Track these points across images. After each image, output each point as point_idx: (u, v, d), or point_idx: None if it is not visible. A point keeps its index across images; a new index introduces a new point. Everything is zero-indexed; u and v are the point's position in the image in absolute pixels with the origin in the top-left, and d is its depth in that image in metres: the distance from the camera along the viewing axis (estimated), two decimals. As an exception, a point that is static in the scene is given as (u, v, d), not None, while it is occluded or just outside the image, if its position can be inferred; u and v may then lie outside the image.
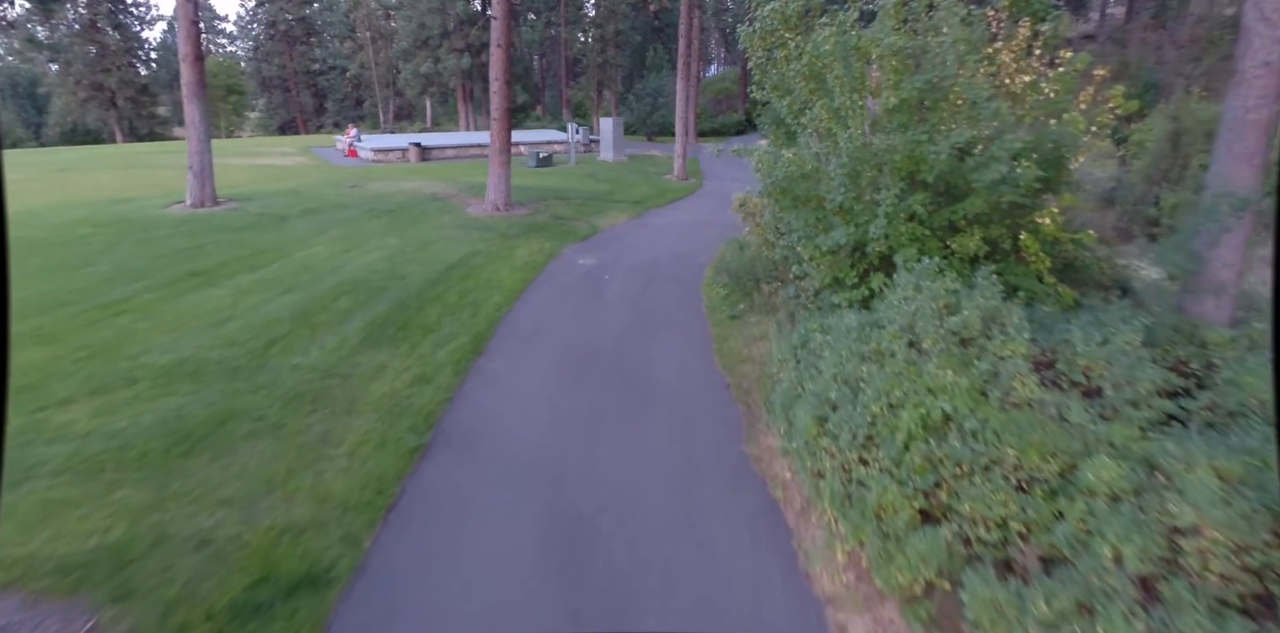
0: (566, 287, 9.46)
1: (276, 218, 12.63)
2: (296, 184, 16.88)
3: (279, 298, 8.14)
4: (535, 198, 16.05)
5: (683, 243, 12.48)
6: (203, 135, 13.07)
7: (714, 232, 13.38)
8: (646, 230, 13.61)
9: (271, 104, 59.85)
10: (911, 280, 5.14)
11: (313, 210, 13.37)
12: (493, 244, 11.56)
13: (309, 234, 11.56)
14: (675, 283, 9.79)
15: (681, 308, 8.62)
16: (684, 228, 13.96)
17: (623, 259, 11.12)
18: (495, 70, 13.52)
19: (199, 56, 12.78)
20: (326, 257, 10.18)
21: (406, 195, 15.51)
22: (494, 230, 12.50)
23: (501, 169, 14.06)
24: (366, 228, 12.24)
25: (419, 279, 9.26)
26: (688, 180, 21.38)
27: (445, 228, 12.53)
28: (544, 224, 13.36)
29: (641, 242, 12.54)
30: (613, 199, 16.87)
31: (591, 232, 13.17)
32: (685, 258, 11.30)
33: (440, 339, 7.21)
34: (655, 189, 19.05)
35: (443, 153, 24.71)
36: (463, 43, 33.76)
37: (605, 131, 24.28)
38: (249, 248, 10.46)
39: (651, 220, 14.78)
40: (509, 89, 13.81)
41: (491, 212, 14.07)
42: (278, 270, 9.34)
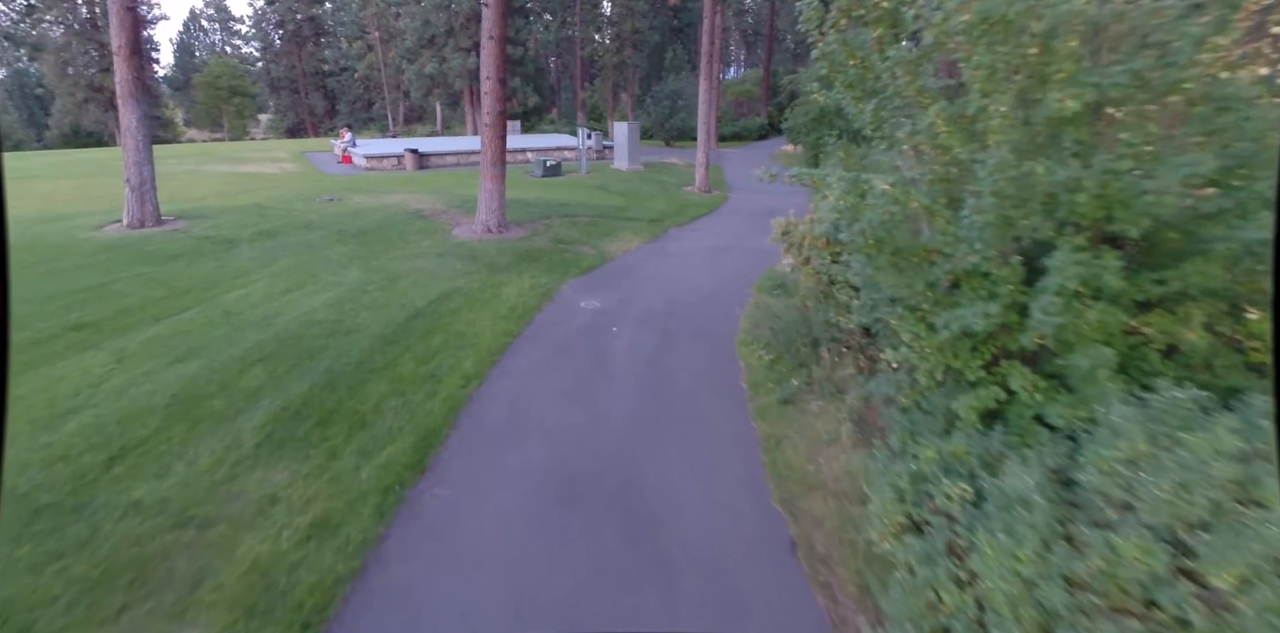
0: (561, 346, 7.26)
1: (222, 242, 10.57)
2: (267, 197, 14.87)
3: (168, 369, 6.02)
4: (536, 215, 13.91)
5: (709, 277, 10.25)
6: (141, 144, 11.07)
7: (745, 261, 11.16)
8: (665, 259, 11.40)
9: (281, 106, 58.52)
10: (1136, 423, 2.94)
11: (269, 232, 11.31)
12: (476, 279, 9.41)
13: (253, 265, 9.48)
14: (702, 340, 7.56)
15: (713, 384, 6.39)
16: (709, 255, 11.73)
17: (635, 301, 8.91)
18: (487, 66, 11.40)
19: (136, 49, 10.79)
20: (261, 299, 8.08)
21: (387, 212, 13.43)
22: (481, 259, 10.35)
23: (494, 184, 11.93)
24: (327, 256, 10.14)
25: (370, 334, 7.12)
26: (710, 193, 19.17)
27: (422, 256, 10.39)
28: (543, 250, 11.20)
29: (659, 275, 10.33)
30: (626, 216, 14.68)
31: (599, 260, 10.98)
32: (712, 300, 9.07)
33: (373, 442, 5.04)
34: (675, 204, 16.84)
35: (442, 160, 22.70)
36: (469, 41, 31.80)
37: (619, 137, 22.13)
38: (169, 286, 8.38)
39: (671, 245, 12.56)
40: (503, 89, 11.68)
41: (481, 234, 11.93)
42: (189, 321, 7.24)
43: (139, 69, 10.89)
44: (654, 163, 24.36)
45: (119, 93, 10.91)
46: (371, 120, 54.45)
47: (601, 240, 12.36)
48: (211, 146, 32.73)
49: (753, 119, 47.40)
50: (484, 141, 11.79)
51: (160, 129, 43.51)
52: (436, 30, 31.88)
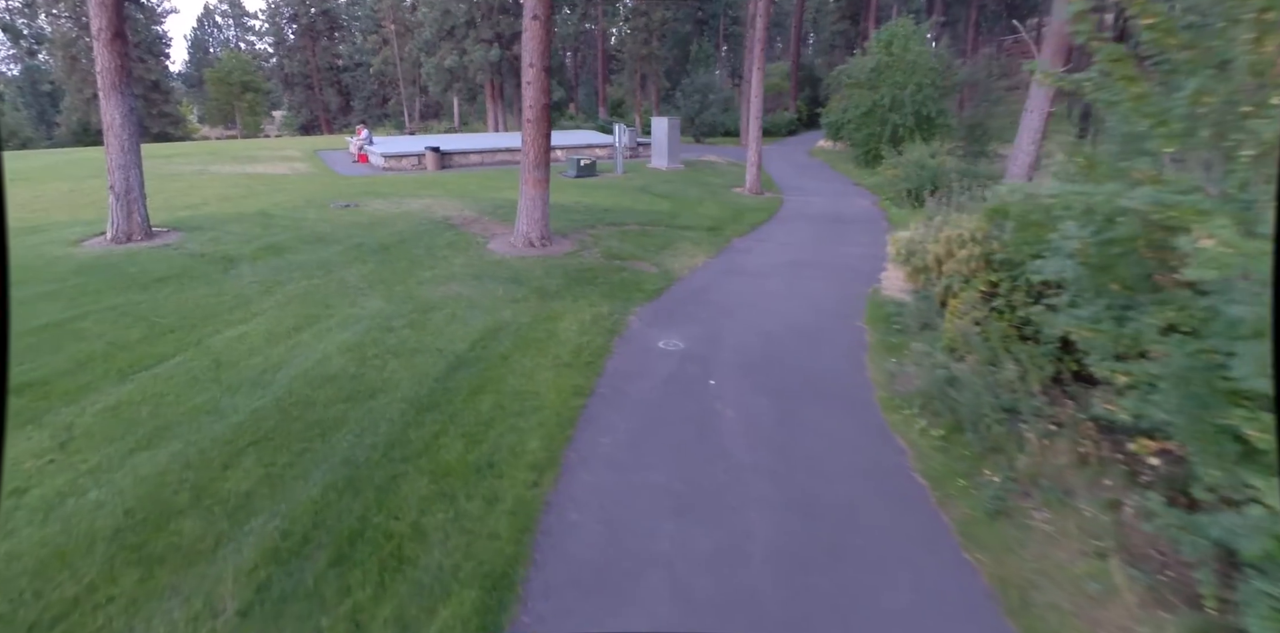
0: (651, 413, 5.51)
1: (219, 261, 8.92)
2: (275, 202, 13.24)
3: (127, 462, 4.34)
4: (579, 223, 12.17)
5: (801, 305, 8.46)
6: (127, 144, 9.44)
7: (835, 281, 9.39)
8: (740, 279, 9.61)
9: (294, 102, 57.19)
10: None
11: (276, 248, 9.64)
12: (525, 309, 7.69)
13: (254, 292, 7.81)
14: (830, 400, 5.78)
15: (876, 478, 4.61)
16: (790, 274, 9.93)
17: (724, 340, 7.15)
18: (530, 53, 9.65)
19: (119, 33, 9.13)
20: (261, 341, 6.39)
21: (410, 221, 11.74)
22: (526, 282, 8.63)
23: (536, 189, 10.19)
24: (343, 279, 8.45)
25: (401, 396, 5.41)
26: (762, 195, 17.35)
27: (456, 278, 8.69)
28: (596, 269, 9.46)
29: (740, 301, 8.55)
30: (679, 224, 12.91)
31: (664, 282, 9.22)
32: (819, 338, 7.28)
33: (416, 598, 3.33)
34: (729, 208, 15.03)
35: (465, 159, 21.02)
36: (491, 32, 30.08)
37: (658, 133, 20.33)
38: (148, 323, 6.72)
39: (741, 260, 10.77)
40: (548, 78, 9.93)
41: (523, 248, 10.21)
42: (166, 378, 5.56)
43: (123, 55, 9.24)
44: (693, 161, 22.55)
45: (100, 84, 9.27)
46: (387, 117, 52.98)
47: (660, 255, 10.59)
48: (222, 145, 31.29)
49: (781, 114, 45.40)
50: (525, 140, 10.04)
51: (171, 127, 42.26)
52: (457, 21, 30.16)
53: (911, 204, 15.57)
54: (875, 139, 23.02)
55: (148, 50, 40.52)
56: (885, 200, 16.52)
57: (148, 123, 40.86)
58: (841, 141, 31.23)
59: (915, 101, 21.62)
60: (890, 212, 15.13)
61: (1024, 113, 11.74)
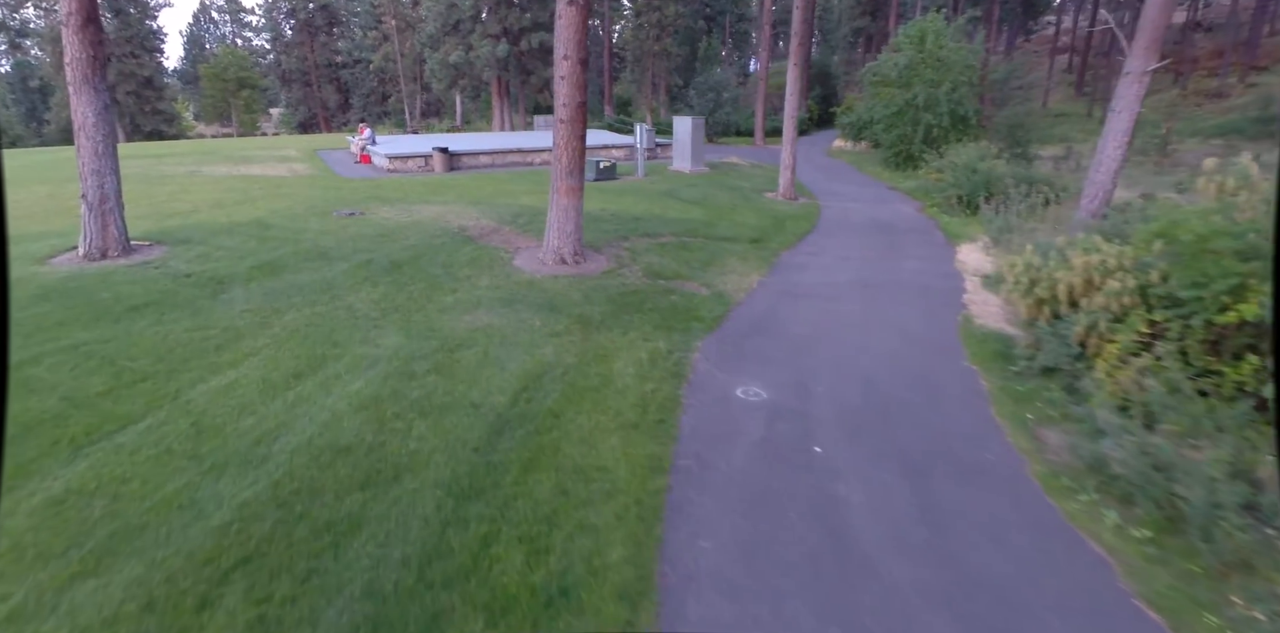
0: (750, 497, 4.30)
1: (208, 284, 7.68)
2: (273, 209, 11.99)
3: (59, 602, 3.11)
4: (610, 234, 10.95)
5: (888, 335, 7.25)
6: (101, 146, 8.19)
7: (916, 305, 8.20)
8: (806, 303, 8.39)
9: (292, 99, 55.82)
10: None
11: (272, 266, 8.40)
12: (569, 345, 6.47)
13: (248, 324, 6.57)
14: (975, 475, 4.57)
15: (1077, 603, 3.40)
16: (860, 296, 8.72)
17: (814, 385, 5.94)
18: (565, 43, 8.43)
19: (91, 18, 7.88)
20: (254, 395, 5.16)
21: (423, 232, 10.50)
22: (566, 309, 7.41)
23: (569, 199, 8.97)
24: (352, 306, 7.22)
25: (434, 479, 4.19)
26: (797, 201, 16.14)
27: (483, 304, 7.46)
28: (641, 291, 8.24)
29: (815, 331, 7.33)
30: (718, 235, 11.69)
31: (720, 307, 8.01)
32: (927, 382, 6.08)
33: None
34: (767, 216, 13.82)
35: (475, 160, 19.77)
36: (499, 27, 28.80)
37: (680, 134, 19.10)
38: (115, 369, 5.48)
39: (798, 278, 9.55)
40: (585, 72, 8.70)
41: (554, 266, 8.98)
42: (132, 451, 4.34)
43: (96, 45, 7.99)
44: (714, 163, 21.32)
45: (69, 77, 8.01)
46: (387, 115, 51.65)
47: (707, 272, 9.38)
48: (217, 143, 29.99)
49: (792, 113, 44.10)
50: (557, 143, 8.81)
51: (164, 124, 40.88)
52: (462, 15, 28.87)
53: (963, 212, 14.38)
54: (906, 140, 21.83)
55: (140, 45, 39.15)
56: (931, 207, 15.32)
57: (140, 120, 39.53)
58: (863, 142, 30.09)
59: (951, 101, 20.43)
60: (942, 220, 13.92)
61: (1109, 113, 10.54)
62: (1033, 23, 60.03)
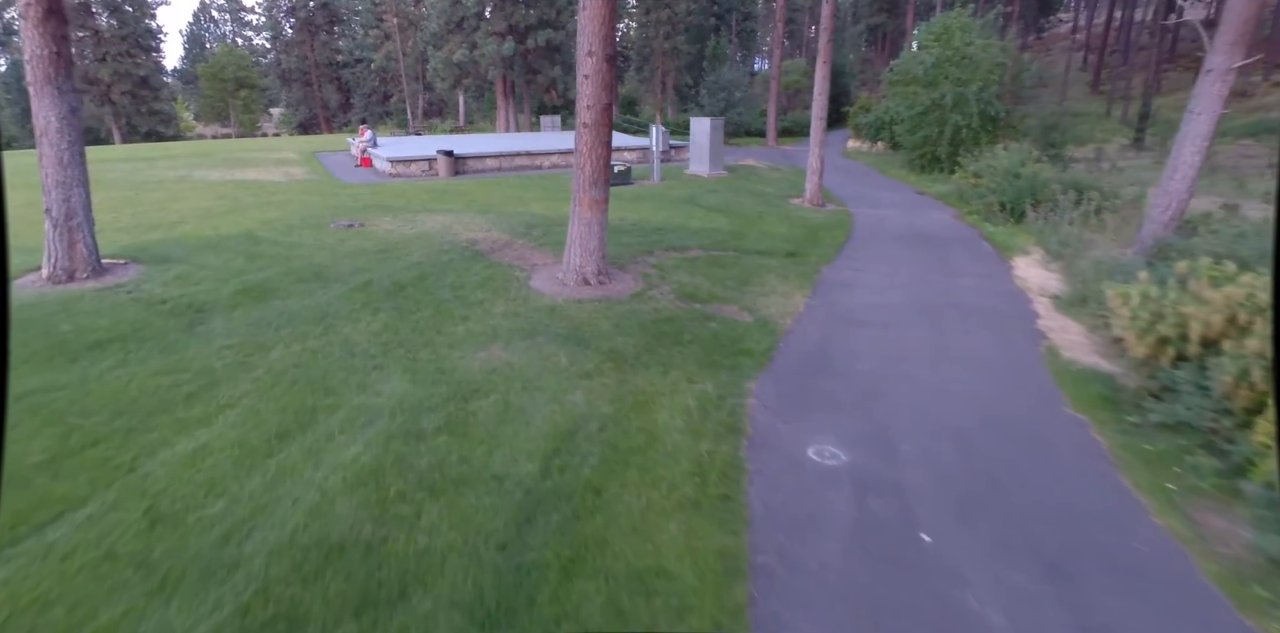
0: (859, 616, 3.34)
1: (185, 312, 6.73)
2: (265, 220, 11.05)
3: None
4: (633, 248, 10.01)
5: (967, 373, 6.28)
6: (66, 155, 7.23)
7: (986, 332, 7.25)
8: (863, 331, 7.42)
9: (292, 99, 54.92)
10: None
11: (260, 289, 7.45)
12: (603, 388, 5.52)
13: (226, 365, 5.62)
14: (1134, 577, 3.61)
15: None
16: (921, 320, 7.75)
17: (895, 441, 4.99)
18: (590, 38, 7.47)
19: (53, 10, 6.91)
20: (230, 466, 4.21)
21: (429, 247, 9.56)
22: (594, 341, 6.46)
23: (593, 212, 8.01)
24: (349, 339, 6.27)
25: (450, 596, 3.23)
26: (825, 207, 15.18)
27: (500, 336, 6.50)
28: (675, 318, 7.28)
29: (882, 368, 6.36)
30: (750, 248, 10.73)
31: (767, 336, 7.04)
32: (1032, 438, 5.12)
33: None
34: (797, 226, 12.86)
35: (481, 163, 18.83)
36: (504, 24, 27.83)
37: (698, 136, 18.13)
38: (64, 427, 4.53)
39: (847, 300, 8.58)
40: (613, 71, 7.75)
41: (576, 287, 8.02)
42: (63, 556, 3.39)
43: (60, 40, 7.04)
44: (731, 166, 20.36)
45: (29, 77, 7.08)
46: (389, 115, 50.75)
47: (745, 293, 8.42)
48: (214, 145, 29.08)
49: (803, 113, 43.26)
50: (580, 150, 7.86)
51: (161, 125, 39.95)
52: (467, 12, 27.91)
53: (1007, 220, 13.41)
54: (932, 142, 20.86)
55: (136, 44, 38.24)
56: (970, 214, 14.34)
57: (136, 121, 38.65)
58: (880, 143, 29.10)
59: (981, 100, 19.45)
60: (985, 229, 12.94)
61: (1187, 115, 9.55)
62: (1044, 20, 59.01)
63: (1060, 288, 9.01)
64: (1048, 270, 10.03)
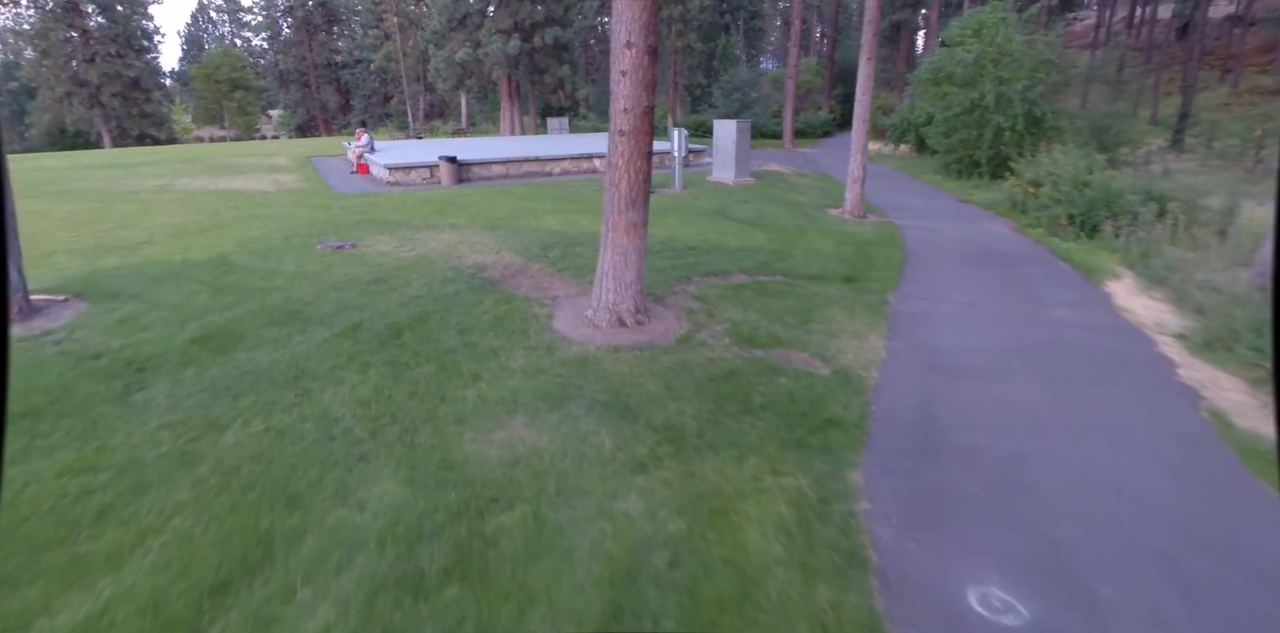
0: None
1: (124, 372, 5.33)
2: (244, 240, 9.66)
3: None
4: (669, 274, 8.61)
5: (1121, 448, 4.86)
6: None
7: (1118, 386, 5.80)
8: (967, 385, 5.99)
9: (290, 101, 53.62)
10: None
11: (223, 336, 6.05)
12: (663, 488, 4.11)
13: (161, 459, 4.22)
14: None
15: None
16: (1029, 366, 6.32)
17: (1088, 577, 3.56)
18: (627, 25, 6.07)
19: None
20: (129, 659, 2.81)
21: (432, 274, 8.16)
22: (642, 411, 5.04)
23: (629, 238, 6.60)
24: (328, 412, 4.87)
25: None
26: (867, 219, 13.77)
27: (522, 403, 5.09)
28: (737, 372, 5.87)
29: (1014, 441, 4.93)
30: (800, 271, 9.32)
31: (855, 398, 5.62)
32: (1265, 560, 3.68)
33: None
34: (844, 242, 11.45)
35: (486, 170, 17.43)
36: (509, 21, 26.44)
37: (723, 140, 16.72)
38: (-105, 586, 3.14)
39: (932, 339, 7.14)
40: (655, 66, 6.34)
41: (610, 329, 6.61)
42: None
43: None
44: (757, 172, 18.94)
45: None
46: (389, 116, 49.43)
47: (810, 333, 7.00)
48: (204, 150, 27.71)
49: (814, 114, 41.94)
50: (615, 164, 6.44)
51: (153, 128, 38.59)
52: (470, 8, 26.54)
53: (1077, 234, 11.99)
54: (970, 145, 19.44)
55: (126, 44, 36.89)
56: (1032, 227, 12.91)
57: (127, 124, 37.31)
58: (905, 145, 27.70)
59: (1026, 100, 18.02)
60: (1055, 246, 11.51)
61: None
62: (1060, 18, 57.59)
63: (1181, 323, 7.59)
64: (1152, 298, 8.61)
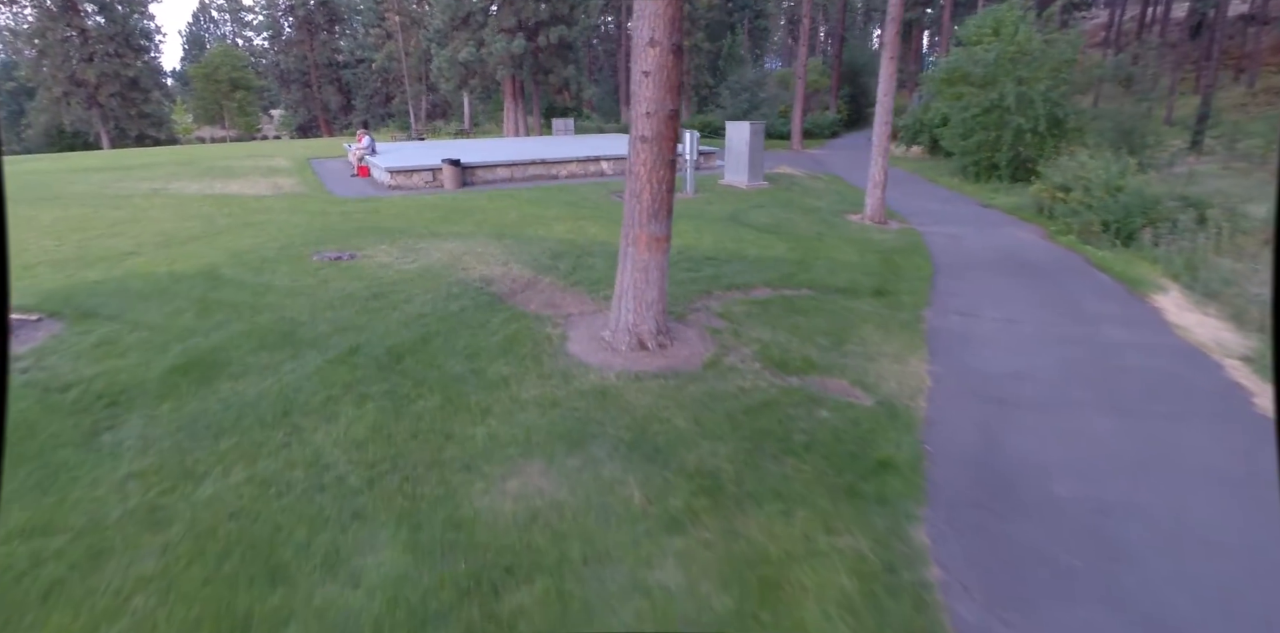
0: None
1: (94, 406, 4.79)
2: (236, 250, 9.12)
3: None
4: (688, 287, 8.06)
5: (1225, 500, 4.30)
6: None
7: (1191, 416, 5.25)
8: (1029, 418, 5.42)
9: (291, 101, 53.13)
10: None
11: (207, 363, 5.50)
12: (703, 554, 3.55)
13: (125, 520, 3.68)
14: None
15: None
16: (1092, 396, 5.76)
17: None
18: (650, 21, 5.52)
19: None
20: None
21: (436, 289, 7.61)
22: (672, 454, 4.49)
23: (652, 253, 6.04)
24: (318, 458, 4.32)
25: None
26: (888, 225, 13.20)
27: (537, 445, 4.54)
28: (772, 404, 5.31)
29: (1095, 489, 4.36)
30: (825, 283, 8.76)
31: (906, 435, 5.05)
32: None
33: None
34: (868, 251, 10.88)
35: (491, 173, 16.89)
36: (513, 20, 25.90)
37: (736, 142, 16.16)
38: None
39: (977, 362, 6.58)
40: (680, 65, 5.79)
41: (630, 353, 6.05)
42: None
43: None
44: (769, 175, 18.37)
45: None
46: (390, 117, 48.92)
47: (846, 355, 6.44)
48: (202, 151, 27.19)
49: (822, 114, 41.38)
50: (637, 171, 5.89)
51: (152, 128, 38.10)
52: (473, 7, 25.99)
53: (1112, 242, 11.42)
54: (989, 147, 18.88)
55: (125, 43, 36.40)
56: (1062, 235, 12.34)
57: (125, 125, 36.82)
58: (917, 146, 27.15)
59: (1049, 101, 17.45)
60: (1091, 255, 10.94)
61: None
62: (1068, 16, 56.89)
63: (1244, 343, 7.03)
64: (1206, 315, 8.05)
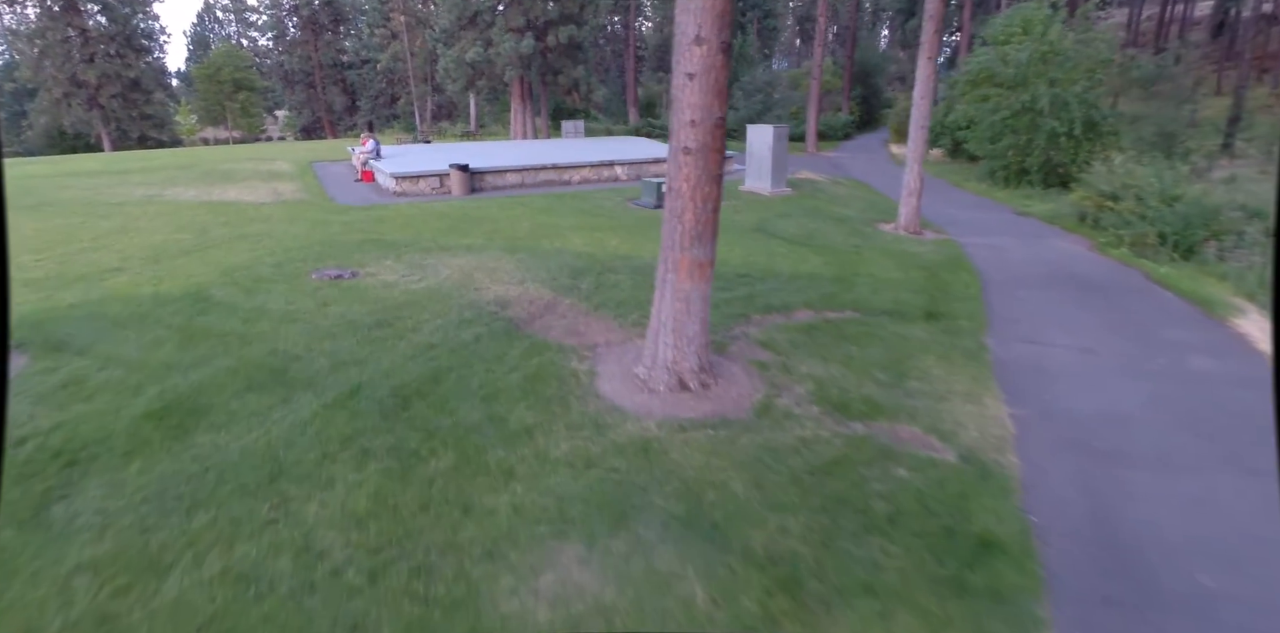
0: None
1: (47, 467, 4.05)
2: (228, 267, 8.40)
3: None
4: (724, 309, 7.32)
5: None
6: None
7: None
8: (1146, 481, 4.65)
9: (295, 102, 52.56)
10: None
11: (184, 410, 4.77)
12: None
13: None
14: None
15: None
16: (1208, 443, 4.98)
17: None
18: (696, 18, 4.77)
19: None
20: None
21: (446, 313, 6.87)
22: (733, 532, 3.73)
23: (694, 281, 5.29)
24: (308, 542, 3.57)
25: None
26: (923, 236, 12.42)
27: (573, 520, 3.78)
28: (842, 461, 4.54)
29: (1256, 593, 3.60)
30: (871, 305, 7.99)
31: (1003, 502, 4.28)
32: None
33: None
34: (909, 265, 10.10)
35: (501, 179, 16.16)
36: (522, 19, 25.17)
37: (758, 146, 15.40)
38: None
39: (1061, 403, 5.80)
40: (728, 68, 5.04)
41: (671, 394, 5.30)
42: None
43: None
44: (792, 180, 17.59)
45: None
46: (396, 118, 48.30)
47: (911, 395, 5.67)
48: (203, 153, 26.54)
49: (835, 115, 40.57)
50: (678, 188, 5.14)
51: (154, 130, 37.50)
52: (481, 6, 25.28)
53: (1170, 257, 10.61)
54: (1020, 151, 18.07)
55: (126, 44, 35.82)
56: (1114, 248, 11.53)
57: (127, 126, 36.23)
58: (938, 149, 26.35)
59: (1084, 103, 16.64)
60: (1149, 270, 10.14)
61: None
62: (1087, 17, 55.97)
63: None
64: (1299, 343, 7.23)
